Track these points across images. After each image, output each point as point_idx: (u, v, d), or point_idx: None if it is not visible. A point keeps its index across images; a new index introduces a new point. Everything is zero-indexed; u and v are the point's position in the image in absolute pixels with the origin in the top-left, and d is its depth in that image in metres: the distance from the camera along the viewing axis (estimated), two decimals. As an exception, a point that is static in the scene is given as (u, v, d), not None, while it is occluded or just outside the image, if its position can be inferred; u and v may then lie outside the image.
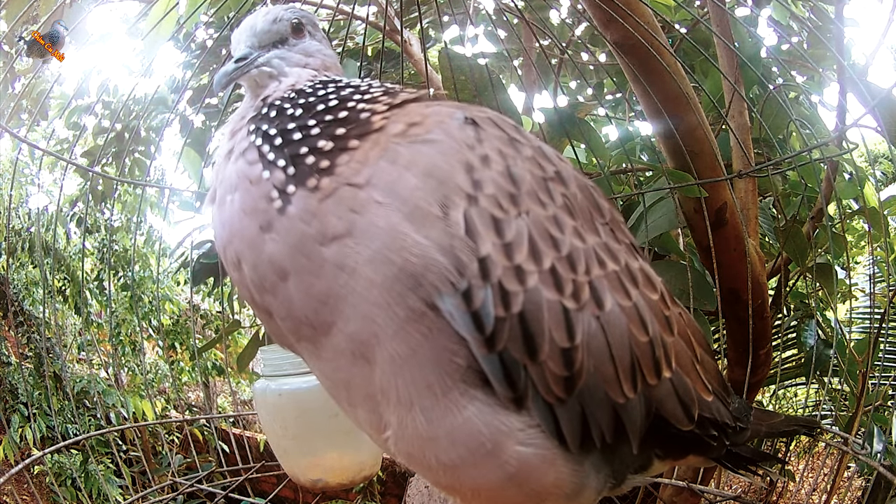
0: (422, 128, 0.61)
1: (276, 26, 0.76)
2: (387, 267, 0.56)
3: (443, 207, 0.56)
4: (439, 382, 0.57)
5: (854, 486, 3.45)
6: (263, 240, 0.60)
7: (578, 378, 0.59)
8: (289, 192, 0.59)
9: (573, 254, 0.60)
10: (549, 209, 0.60)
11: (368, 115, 0.63)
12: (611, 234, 0.66)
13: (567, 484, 0.62)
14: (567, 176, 0.65)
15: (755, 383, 1.89)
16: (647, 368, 0.63)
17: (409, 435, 0.61)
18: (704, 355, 0.73)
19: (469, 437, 0.58)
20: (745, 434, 0.78)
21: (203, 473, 1.49)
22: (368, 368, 0.60)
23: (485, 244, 0.56)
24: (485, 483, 0.62)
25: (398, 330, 0.57)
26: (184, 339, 5.08)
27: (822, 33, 2.10)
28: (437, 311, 0.56)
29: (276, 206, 0.59)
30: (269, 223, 0.60)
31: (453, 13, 2.32)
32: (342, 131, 0.62)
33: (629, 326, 0.62)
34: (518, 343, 0.57)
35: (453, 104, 0.67)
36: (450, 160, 0.58)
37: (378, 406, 0.62)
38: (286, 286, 0.60)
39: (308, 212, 0.58)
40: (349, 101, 0.66)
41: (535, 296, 0.57)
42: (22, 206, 4.92)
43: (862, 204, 2.11)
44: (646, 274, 0.67)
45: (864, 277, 3.37)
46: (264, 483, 2.81)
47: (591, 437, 0.61)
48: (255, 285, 0.62)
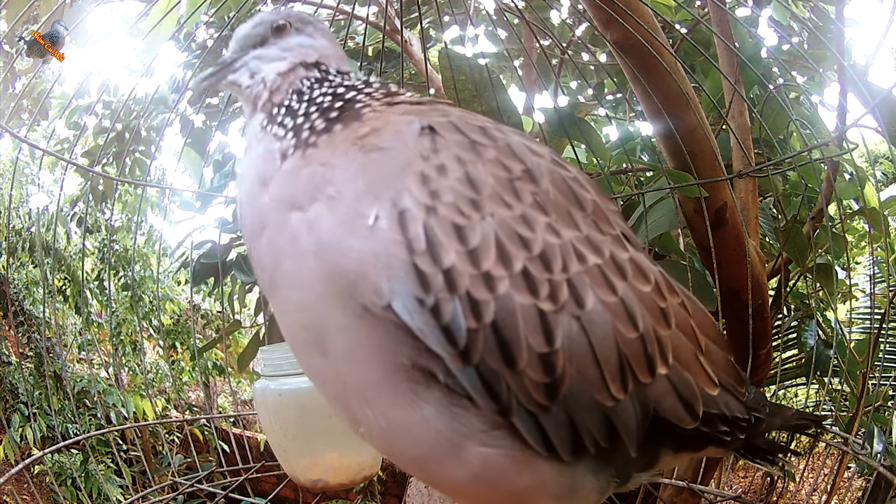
0: (377, 137, 0.62)
1: (256, 30, 0.79)
2: (323, 262, 0.57)
3: (397, 220, 0.55)
4: (387, 381, 0.57)
5: (854, 487, 3.46)
6: (259, 193, 0.66)
7: (561, 384, 0.56)
8: (287, 154, 0.66)
9: (547, 251, 0.57)
10: (516, 209, 0.58)
11: (363, 104, 0.68)
12: (593, 226, 0.63)
13: (553, 485, 0.60)
14: (538, 173, 0.62)
15: (755, 383, 1.87)
16: (639, 366, 0.60)
17: (374, 430, 0.62)
18: (711, 346, 0.69)
19: (427, 435, 0.58)
20: (762, 425, 0.75)
21: (203, 473, 1.49)
22: (324, 361, 0.61)
23: (448, 254, 0.54)
24: (453, 480, 0.61)
25: (340, 326, 0.57)
26: (184, 338, 5.08)
27: (822, 33, 2.10)
28: (379, 314, 0.55)
29: (278, 163, 0.66)
30: (270, 176, 0.66)
31: (454, 13, 2.32)
32: (335, 115, 0.68)
33: (615, 323, 0.59)
34: (494, 353, 0.55)
35: (417, 109, 0.68)
36: (402, 171, 0.58)
37: (346, 401, 0.63)
38: (262, 237, 0.65)
39: (291, 171, 0.64)
40: (347, 93, 0.71)
41: (508, 302, 0.55)
42: (22, 205, 4.92)
43: (862, 204, 2.11)
44: (637, 264, 0.64)
45: (864, 278, 3.37)
46: (264, 483, 2.81)
47: (583, 443, 0.59)
48: (247, 232, 0.68)
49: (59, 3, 1.51)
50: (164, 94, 3.02)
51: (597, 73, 3.04)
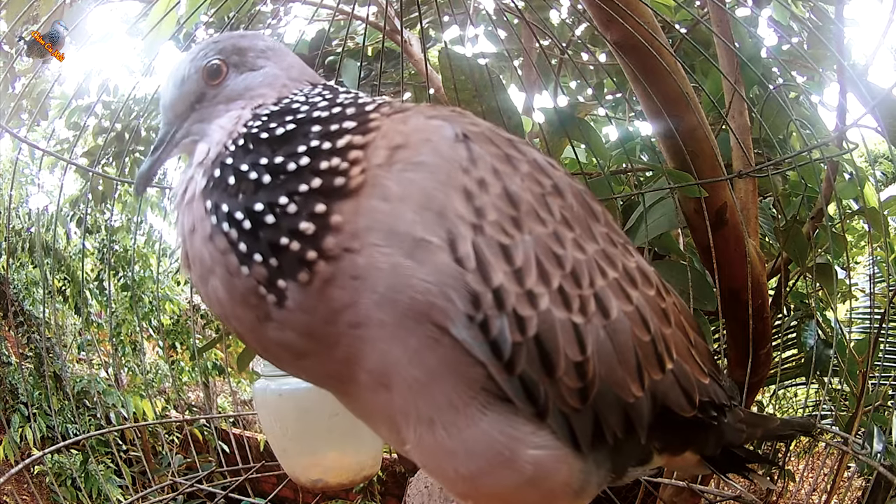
0: (408, 151, 0.56)
1: (184, 88, 0.64)
2: (394, 306, 0.54)
3: (448, 240, 0.54)
4: (459, 398, 0.58)
5: (854, 487, 3.45)
6: (266, 327, 0.57)
7: (592, 387, 0.59)
8: (279, 286, 0.55)
9: (576, 268, 0.60)
10: (550, 226, 0.60)
11: (345, 176, 0.56)
12: (608, 239, 0.66)
13: (576, 480, 0.63)
14: (563, 186, 0.64)
15: (755, 383, 1.89)
16: (652, 365, 0.64)
17: (428, 449, 0.61)
18: (697, 338, 0.74)
19: (486, 446, 0.59)
20: (739, 418, 0.79)
21: (203, 473, 1.49)
22: (388, 395, 0.60)
23: (497, 274, 0.56)
24: (502, 490, 0.62)
25: (412, 358, 0.56)
26: (184, 338, 5.08)
27: (822, 33, 2.09)
28: (449, 334, 0.55)
29: (271, 300, 0.55)
30: (266, 314, 0.56)
31: (453, 13, 2.32)
32: (322, 208, 0.54)
33: (633, 329, 0.62)
34: (536, 364, 0.57)
35: (434, 112, 0.62)
36: (445, 187, 0.56)
37: (398, 425, 0.62)
38: (305, 361, 0.60)
39: (308, 304, 0.55)
40: (321, 159, 0.56)
41: (548, 317, 0.57)
42: (22, 206, 4.92)
43: (862, 204, 2.11)
44: (642, 271, 0.68)
45: (864, 277, 3.37)
46: (264, 483, 2.81)
47: (602, 437, 0.62)
48: (271, 359, 0.63)
49: (59, 3, 1.51)
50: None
51: (597, 73, 3.04)
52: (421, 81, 2.83)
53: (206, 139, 0.62)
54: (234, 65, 0.65)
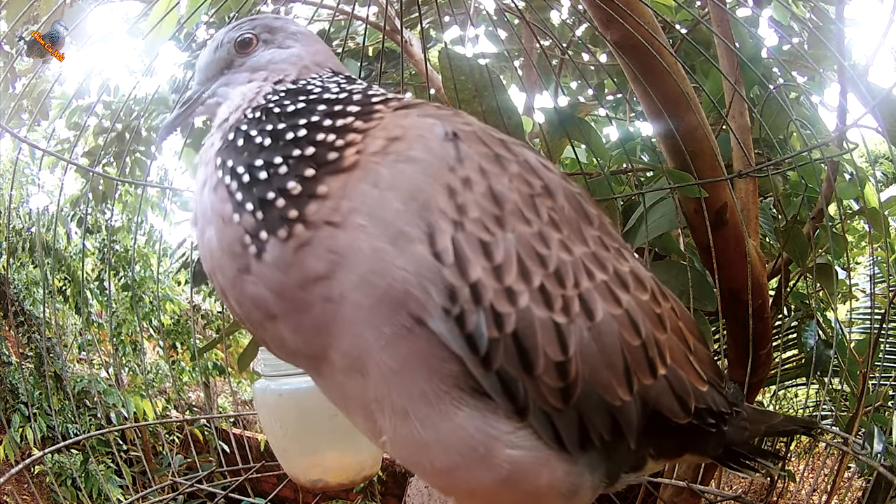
0: (403, 143, 0.59)
1: (217, 54, 0.72)
2: (372, 290, 0.56)
3: (427, 233, 0.56)
4: (432, 391, 0.58)
5: (854, 487, 3.46)
6: (244, 281, 0.59)
7: (574, 388, 0.59)
8: (261, 238, 0.58)
9: (560, 269, 0.60)
10: (535, 226, 0.60)
11: (339, 153, 0.60)
12: (599, 242, 0.66)
13: (562, 484, 0.63)
14: (554, 188, 0.64)
15: (756, 384, 1.89)
16: (642, 370, 0.63)
17: (403, 441, 0.62)
18: (697, 344, 0.74)
19: (461, 441, 0.59)
20: (741, 418, 0.78)
21: (203, 473, 1.49)
22: (363, 381, 0.60)
23: (475, 269, 0.56)
24: (479, 486, 0.62)
25: (386, 345, 0.57)
26: (184, 339, 5.09)
27: (822, 34, 2.10)
28: (424, 325, 0.56)
29: (252, 251, 0.58)
30: (246, 266, 0.59)
31: (454, 13, 2.32)
32: (311, 172, 0.59)
33: (621, 332, 0.62)
34: (514, 361, 0.57)
35: (434, 111, 0.64)
36: (432, 182, 0.57)
37: (373, 414, 0.63)
38: (275, 325, 0.61)
39: (283, 261, 0.57)
40: (319, 132, 0.61)
41: (527, 314, 0.58)
42: (22, 206, 4.92)
43: (862, 204, 2.11)
44: (636, 275, 0.67)
45: (864, 278, 3.37)
46: (264, 483, 2.81)
47: (589, 439, 0.62)
48: (244, 318, 0.63)
49: (59, 3, 1.51)
50: (164, 95, 3.01)
51: (597, 73, 3.04)
52: (421, 81, 2.83)
53: (228, 102, 0.69)
54: (265, 41, 0.72)
